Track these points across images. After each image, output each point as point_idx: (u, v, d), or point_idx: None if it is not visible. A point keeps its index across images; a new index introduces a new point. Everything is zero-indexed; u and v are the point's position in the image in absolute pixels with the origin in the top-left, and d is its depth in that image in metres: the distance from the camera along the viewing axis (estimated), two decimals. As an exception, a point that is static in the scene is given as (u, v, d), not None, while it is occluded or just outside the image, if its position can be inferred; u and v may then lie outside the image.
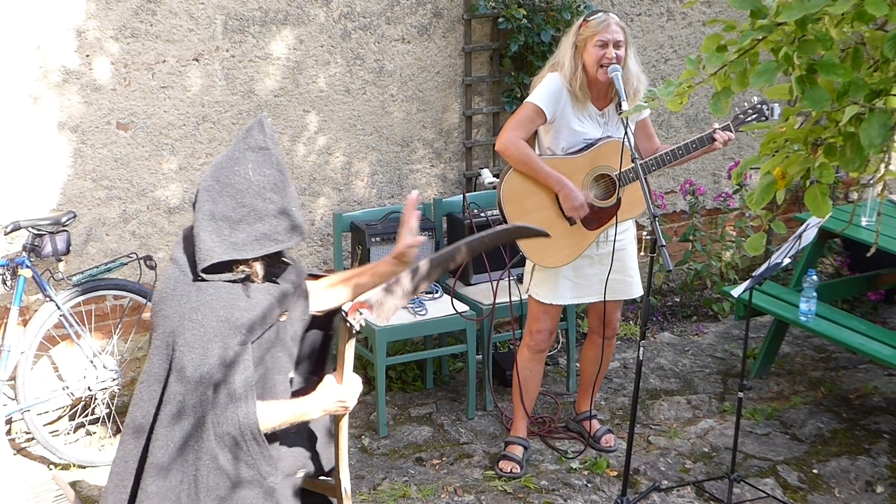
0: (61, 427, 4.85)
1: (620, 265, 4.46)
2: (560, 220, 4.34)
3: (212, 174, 2.74)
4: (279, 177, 2.74)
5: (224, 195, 2.69)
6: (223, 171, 2.72)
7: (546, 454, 4.83)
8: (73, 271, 4.74)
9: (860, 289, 6.16)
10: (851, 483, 4.61)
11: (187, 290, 2.70)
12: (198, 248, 2.68)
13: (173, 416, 2.67)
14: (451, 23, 5.49)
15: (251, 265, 2.76)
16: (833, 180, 1.89)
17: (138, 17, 4.69)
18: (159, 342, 2.70)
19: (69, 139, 4.68)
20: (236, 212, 2.69)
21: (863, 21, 1.74)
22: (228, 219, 2.68)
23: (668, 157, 4.28)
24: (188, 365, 2.65)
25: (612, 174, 4.31)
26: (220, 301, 2.70)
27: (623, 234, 4.47)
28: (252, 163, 2.71)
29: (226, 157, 2.75)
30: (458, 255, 2.85)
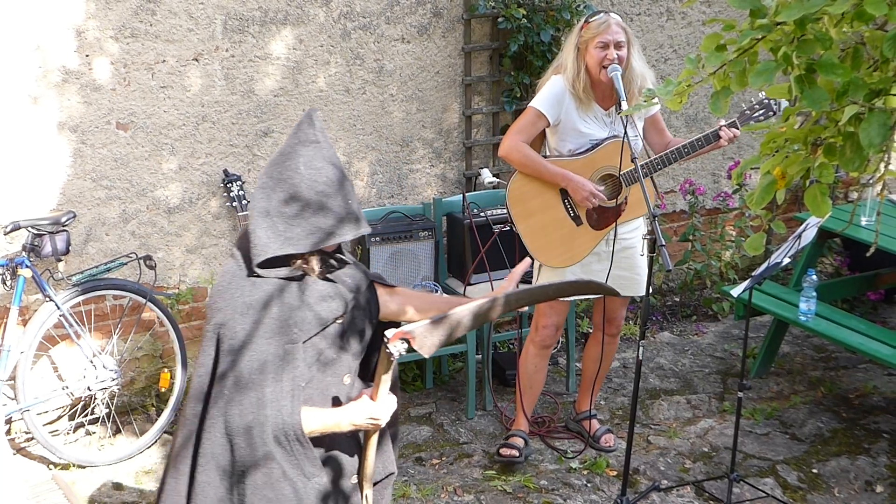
0: (61, 427, 4.85)
1: (629, 263, 4.47)
2: (566, 221, 4.35)
3: (266, 171, 2.75)
4: (332, 170, 2.74)
5: (277, 190, 2.70)
6: (276, 167, 2.73)
7: (546, 454, 4.83)
8: (72, 271, 4.74)
9: (860, 288, 6.16)
10: (851, 483, 4.61)
11: (242, 285, 2.71)
12: (253, 243, 2.69)
13: (220, 411, 2.68)
14: (450, 22, 5.49)
15: (308, 260, 2.76)
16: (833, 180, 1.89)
17: (138, 17, 4.68)
18: (210, 333, 2.72)
19: (69, 139, 4.67)
20: (290, 206, 2.69)
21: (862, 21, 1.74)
22: (283, 214, 2.69)
23: (674, 155, 4.28)
24: (235, 359, 2.66)
25: (616, 174, 4.32)
26: (273, 297, 2.70)
27: (632, 233, 4.47)
28: (303, 157, 2.71)
29: (278, 153, 2.77)
30: (511, 306, 2.79)
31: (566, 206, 4.35)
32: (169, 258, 5.03)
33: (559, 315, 4.58)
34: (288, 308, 2.71)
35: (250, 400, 2.65)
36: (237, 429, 2.66)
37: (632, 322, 6.18)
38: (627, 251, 4.45)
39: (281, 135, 5.14)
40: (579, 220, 4.36)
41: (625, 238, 4.43)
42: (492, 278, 5.09)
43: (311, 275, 2.77)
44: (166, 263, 5.03)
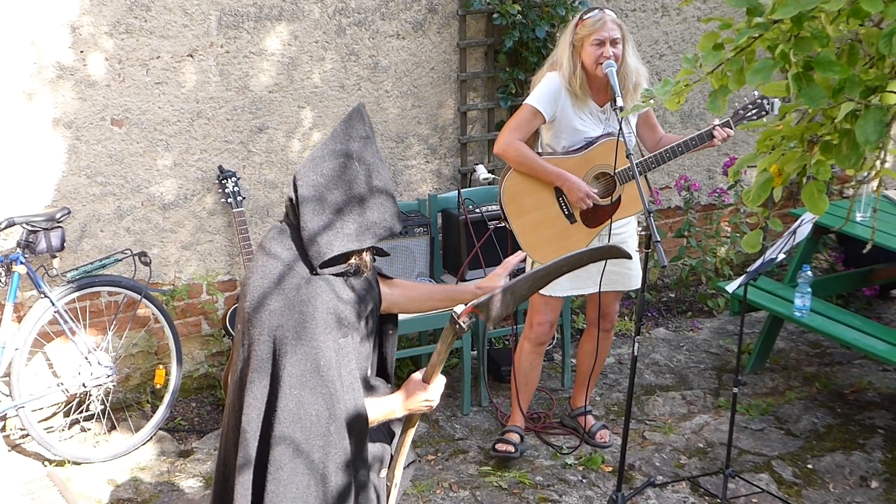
0: (56, 424, 4.85)
1: None
2: (560, 219, 4.35)
3: (313, 168, 2.73)
4: (381, 164, 2.76)
5: (332, 187, 2.70)
6: (326, 162, 2.72)
7: (541, 450, 4.84)
8: (67, 267, 4.73)
9: (855, 284, 6.17)
10: (846, 478, 4.62)
11: (296, 284, 2.69)
12: (314, 242, 2.68)
13: (294, 416, 2.65)
14: (445, 18, 5.48)
15: (362, 256, 2.78)
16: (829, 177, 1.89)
17: (132, 13, 4.67)
18: (265, 337, 2.68)
19: (63, 135, 4.66)
20: (347, 203, 2.69)
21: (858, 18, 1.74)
22: (339, 210, 2.69)
23: (668, 154, 4.29)
24: (302, 359, 2.64)
25: (611, 172, 4.32)
26: (330, 294, 2.71)
27: (624, 227, 4.47)
28: (356, 153, 2.71)
29: (328, 150, 2.74)
30: (558, 271, 2.83)
31: (560, 204, 4.35)
32: (164, 254, 5.02)
33: (553, 311, 4.58)
34: (341, 303, 2.72)
35: (325, 399, 2.64)
36: (316, 428, 2.64)
37: (627, 318, 6.19)
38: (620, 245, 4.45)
39: (276, 131, 5.14)
40: (573, 217, 4.36)
41: (617, 233, 4.43)
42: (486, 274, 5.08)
43: (366, 270, 2.78)
44: (161, 260, 5.02)
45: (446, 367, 5.58)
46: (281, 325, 2.65)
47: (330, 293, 2.70)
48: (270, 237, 2.78)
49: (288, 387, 2.64)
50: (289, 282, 2.69)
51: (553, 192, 4.34)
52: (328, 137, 2.78)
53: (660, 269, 6.41)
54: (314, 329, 2.65)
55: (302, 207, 2.70)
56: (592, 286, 4.50)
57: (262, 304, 2.69)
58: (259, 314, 2.69)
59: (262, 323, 2.68)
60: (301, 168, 2.76)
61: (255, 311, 2.70)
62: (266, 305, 2.68)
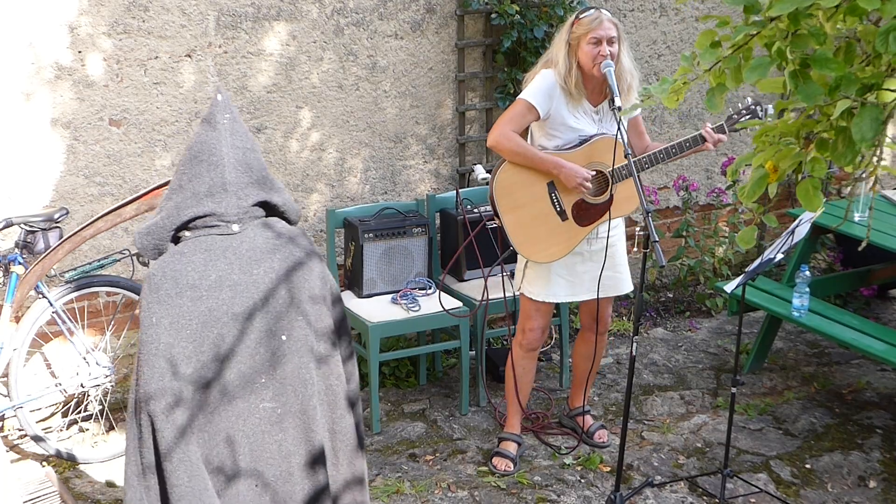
0: (54, 424, 4.84)
1: (611, 262, 4.46)
2: (552, 216, 4.34)
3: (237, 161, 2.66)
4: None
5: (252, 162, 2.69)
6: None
7: (539, 450, 4.84)
8: (65, 268, 4.73)
9: (853, 284, 6.17)
10: (844, 478, 4.62)
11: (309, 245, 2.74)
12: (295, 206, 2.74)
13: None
14: (443, 18, 5.48)
15: None
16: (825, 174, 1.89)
17: (130, 14, 4.67)
18: (329, 299, 2.68)
19: (61, 135, 4.66)
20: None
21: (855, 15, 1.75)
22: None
23: (660, 155, 4.29)
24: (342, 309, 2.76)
25: (605, 171, 4.32)
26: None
27: (613, 231, 4.47)
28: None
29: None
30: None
31: (553, 200, 4.34)
32: (162, 255, 5.02)
33: (545, 318, 4.57)
34: None
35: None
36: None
37: (625, 318, 6.19)
38: (609, 250, 4.45)
39: (274, 131, 5.14)
40: (565, 214, 4.35)
41: (604, 237, 4.43)
42: (485, 274, 5.09)
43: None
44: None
45: (445, 365, 5.59)
46: (328, 276, 2.66)
47: None
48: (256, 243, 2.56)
49: (347, 342, 2.71)
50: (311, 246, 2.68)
51: (546, 187, 4.32)
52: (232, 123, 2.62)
53: (658, 269, 6.41)
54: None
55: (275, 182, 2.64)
56: (586, 293, 4.50)
57: (315, 277, 2.59)
58: (311, 288, 2.59)
59: (321, 293, 2.61)
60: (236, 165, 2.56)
61: (306, 291, 2.57)
62: (317, 275, 2.60)
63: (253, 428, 2.49)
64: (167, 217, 2.51)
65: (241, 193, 2.51)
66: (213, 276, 2.45)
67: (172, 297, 2.44)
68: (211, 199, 2.48)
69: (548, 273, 4.43)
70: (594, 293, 4.46)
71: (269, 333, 2.48)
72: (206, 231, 2.50)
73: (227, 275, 2.46)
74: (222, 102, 2.61)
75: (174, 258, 2.48)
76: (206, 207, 2.48)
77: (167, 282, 2.46)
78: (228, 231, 2.49)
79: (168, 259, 2.49)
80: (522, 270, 4.51)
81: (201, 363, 2.43)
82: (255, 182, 2.56)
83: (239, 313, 2.44)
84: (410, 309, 5.00)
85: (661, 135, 6.31)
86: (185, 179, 2.51)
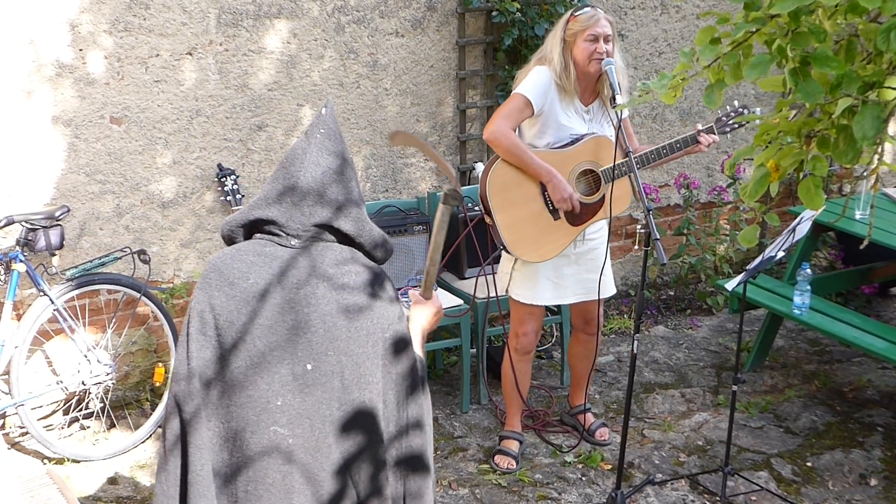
0: (55, 421, 4.85)
1: (594, 264, 4.46)
2: (544, 215, 4.32)
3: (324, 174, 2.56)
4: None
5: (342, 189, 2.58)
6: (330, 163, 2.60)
7: (540, 448, 4.84)
8: (66, 266, 4.73)
9: (854, 282, 6.17)
10: (845, 476, 4.62)
11: (381, 282, 2.56)
12: (382, 241, 2.63)
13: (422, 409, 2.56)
14: (444, 16, 5.48)
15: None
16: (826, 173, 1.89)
17: (131, 11, 4.67)
18: (381, 344, 2.49)
19: (63, 133, 4.66)
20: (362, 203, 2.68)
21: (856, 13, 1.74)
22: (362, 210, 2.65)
23: (653, 155, 4.29)
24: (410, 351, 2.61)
25: (596, 170, 4.31)
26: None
27: (597, 233, 4.47)
28: (346, 147, 2.67)
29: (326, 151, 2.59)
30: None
31: (545, 199, 4.32)
32: (163, 252, 5.02)
33: (537, 321, 4.57)
34: None
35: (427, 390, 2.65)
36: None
37: (626, 316, 6.19)
38: (592, 252, 4.45)
39: (275, 129, 5.14)
40: (557, 214, 4.33)
41: (590, 238, 4.43)
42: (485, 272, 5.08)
43: None
44: (160, 258, 5.02)
45: (446, 363, 5.59)
46: (392, 324, 2.47)
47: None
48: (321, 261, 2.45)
49: (413, 392, 2.51)
50: (381, 284, 2.51)
51: (538, 186, 4.30)
52: (324, 139, 2.57)
53: (659, 267, 6.41)
54: (406, 322, 2.57)
55: (350, 211, 2.50)
56: (571, 296, 4.50)
57: (370, 318, 2.46)
58: (367, 330, 2.45)
59: (373, 337, 2.45)
60: (311, 178, 2.49)
61: (359, 330, 2.44)
62: (373, 317, 2.45)
63: (257, 449, 2.39)
64: (241, 213, 2.53)
65: (308, 210, 2.44)
66: (251, 279, 2.41)
67: (213, 288, 2.43)
68: (278, 207, 2.46)
69: (535, 276, 4.42)
70: (580, 296, 4.48)
71: (293, 357, 2.38)
72: (269, 238, 2.49)
73: (267, 284, 2.42)
74: (324, 117, 2.60)
75: (230, 252, 2.49)
76: (272, 213, 2.47)
77: (213, 273, 2.46)
78: (287, 244, 2.46)
79: (225, 252, 2.51)
80: (509, 273, 4.49)
81: (214, 359, 2.41)
82: (327, 203, 2.47)
83: (265, 326, 2.41)
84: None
85: (661, 132, 6.31)
86: (269, 181, 2.53)
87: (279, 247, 2.45)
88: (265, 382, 2.37)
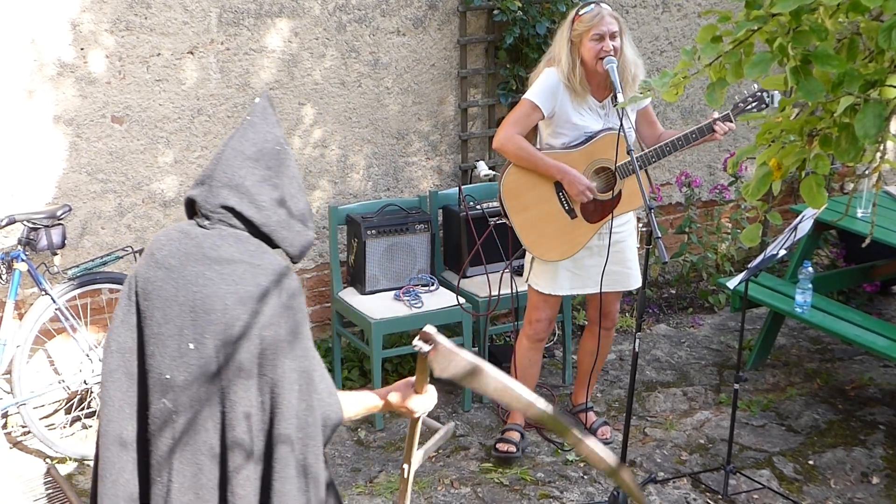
0: (57, 421, 4.85)
1: (620, 257, 4.47)
2: (561, 215, 4.35)
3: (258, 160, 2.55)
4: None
5: (276, 174, 2.56)
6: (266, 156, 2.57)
7: (542, 446, 4.84)
8: (68, 265, 4.73)
9: (856, 280, 6.17)
10: (847, 474, 4.62)
11: (275, 281, 2.49)
12: (291, 236, 2.55)
13: (295, 417, 2.46)
14: (446, 15, 5.48)
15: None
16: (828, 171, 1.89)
17: (133, 10, 4.67)
18: (256, 341, 2.43)
19: (64, 132, 4.67)
20: (298, 190, 2.60)
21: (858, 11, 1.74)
22: (291, 198, 2.57)
23: (668, 147, 4.28)
24: (300, 356, 2.49)
25: (611, 166, 4.31)
26: (300, 288, 2.58)
27: (623, 227, 4.47)
28: (282, 137, 2.62)
29: (259, 139, 2.57)
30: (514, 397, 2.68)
31: (560, 199, 4.35)
32: (165, 252, 5.02)
33: (552, 309, 4.58)
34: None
35: (314, 398, 2.50)
36: (313, 429, 2.50)
37: (628, 314, 6.18)
38: (618, 245, 4.45)
39: (276, 128, 5.13)
40: (573, 213, 4.36)
41: (616, 232, 4.42)
42: (487, 271, 5.09)
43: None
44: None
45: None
46: (272, 324, 2.44)
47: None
48: (212, 244, 2.46)
49: (286, 393, 2.45)
50: (271, 281, 2.48)
51: (553, 187, 4.34)
52: (247, 127, 2.55)
53: (661, 266, 6.40)
54: (306, 327, 2.52)
55: (259, 197, 2.50)
56: (593, 286, 4.49)
57: (247, 311, 2.45)
58: (243, 322, 2.44)
59: (248, 329, 2.45)
60: (225, 162, 2.50)
61: (235, 319, 2.44)
62: (251, 311, 2.45)
63: (153, 419, 2.42)
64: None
65: (216, 192, 2.47)
66: (165, 251, 2.47)
67: (142, 258, 2.52)
68: (199, 188, 2.50)
69: (555, 266, 4.44)
70: (604, 287, 4.46)
71: (180, 334, 2.40)
72: (196, 218, 2.53)
73: (173, 259, 2.45)
74: (254, 105, 2.63)
75: (166, 229, 2.57)
76: (194, 193, 2.51)
77: (149, 244, 2.54)
78: (201, 223, 2.49)
79: (167, 229, 2.58)
80: (530, 263, 4.52)
81: (130, 326, 2.46)
82: (235, 187, 2.47)
83: (163, 298, 2.43)
84: (413, 305, 5.00)
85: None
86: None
87: (196, 227, 2.49)
88: (159, 354, 2.41)
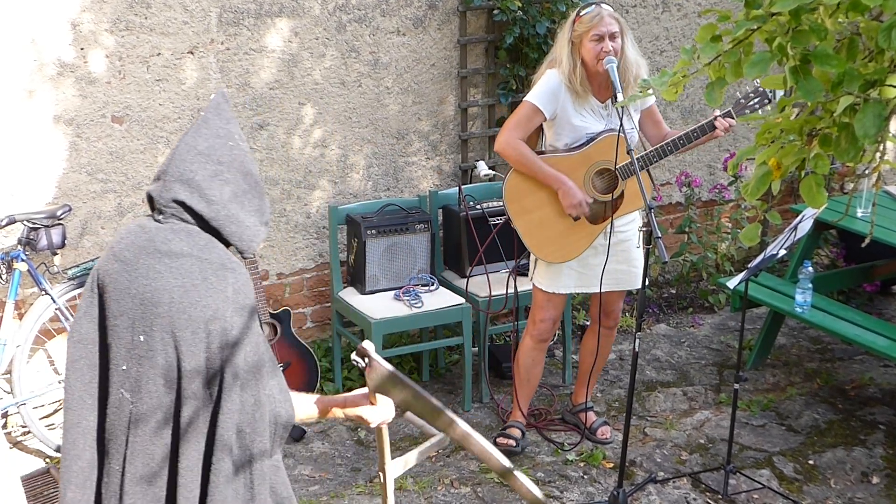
0: (57, 420, 4.85)
1: (624, 256, 4.47)
2: (563, 218, 4.36)
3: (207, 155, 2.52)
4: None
5: (233, 171, 2.53)
6: (217, 149, 2.53)
7: (542, 446, 4.84)
8: (68, 265, 4.73)
9: (856, 280, 6.17)
10: (847, 474, 4.62)
11: (222, 275, 2.47)
12: (241, 231, 2.53)
13: (231, 412, 2.43)
14: (446, 15, 5.48)
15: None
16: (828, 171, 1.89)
17: (133, 10, 4.67)
18: (202, 334, 2.42)
19: (64, 132, 4.67)
20: (254, 185, 2.56)
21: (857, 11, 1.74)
22: (245, 193, 2.54)
23: (669, 147, 4.28)
24: (248, 350, 2.45)
25: (612, 168, 4.31)
26: (249, 283, 2.54)
27: (627, 226, 4.47)
28: (237, 133, 2.58)
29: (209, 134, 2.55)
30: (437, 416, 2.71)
31: None
32: (165, 251, 5.02)
33: (556, 308, 4.58)
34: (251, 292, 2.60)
35: (262, 394, 2.48)
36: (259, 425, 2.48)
37: (628, 314, 6.18)
38: (623, 244, 4.45)
39: (277, 128, 5.14)
40: None
41: (621, 231, 4.42)
42: (488, 271, 5.09)
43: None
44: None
45: (448, 362, 5.58)
46: (218, 318, 2.43)
47: (248, 281, 2.55)
48: (163, 238, 2.49)
49: (230, 387, 2.42)
50: (213, 273, 2.47)
51: (554, 191, 4.34)
52: (201, 123, 2.55)
53: (661, 266, 6.40)
54: (255, 323, 2.50)
55: (209, 192, 2.50)
56: (596, 285, 4.49)
57: (191, 299, 2.44)
58: (194, 310, 2.44)
59: (194, 322, 2.43)
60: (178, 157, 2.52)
61: (181, 312, 2.44)
62: (202, 301, 2.44)
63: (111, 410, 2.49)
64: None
65: (168, 186, 2.51)
66: (122, 244, 2.51)
67: (105, 251, 2.55)
68: (156, 183, 2.55)
69: (559, 265, 4.44)
70: (608, 286, 4.46)
71: (132, 325, 2.43)
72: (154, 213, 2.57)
73: (127, 252, 2.49)
74: (212, 101, 2.63)
75: (130, 223, 2.66)
76: (151, 188, 2.56)
77: (113, 239, 2.57)
78: (156, 217, 2.53)
79: (129, 223, 2.62)
80: (535, 261, 4.53)
81: (92, 317, 2.50)
82: (186, 181, 2.48)
83: (117, 290, 2.47)
84: (413, 305, 5.00)
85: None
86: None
87: (153, 221, 2.54)
88: (115, 345, 2.44)
